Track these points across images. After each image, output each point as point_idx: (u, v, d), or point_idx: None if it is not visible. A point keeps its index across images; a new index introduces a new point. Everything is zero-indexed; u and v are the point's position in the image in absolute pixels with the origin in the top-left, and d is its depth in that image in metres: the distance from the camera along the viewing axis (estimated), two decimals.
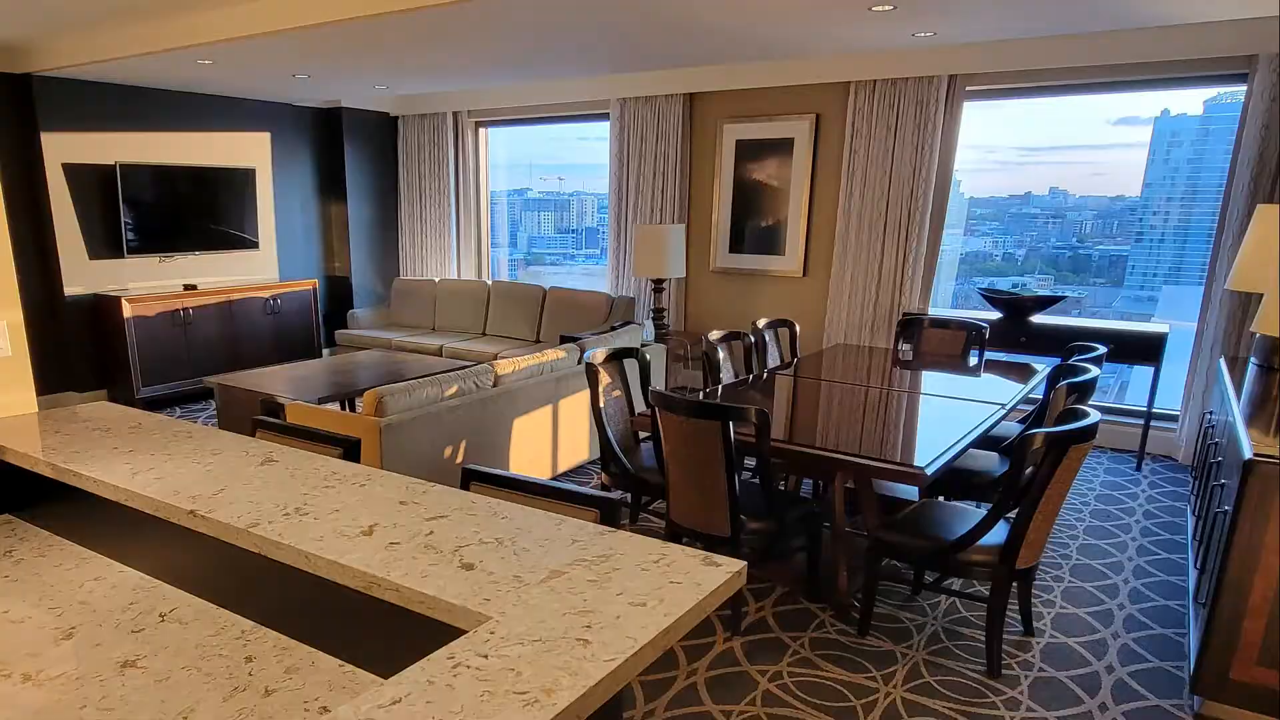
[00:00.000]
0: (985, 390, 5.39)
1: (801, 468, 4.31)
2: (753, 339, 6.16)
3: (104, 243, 8.74)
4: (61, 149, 8.32)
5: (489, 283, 9.96)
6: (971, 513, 4.29)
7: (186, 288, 9.12)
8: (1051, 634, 4.32)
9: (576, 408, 6.54)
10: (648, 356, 5.47)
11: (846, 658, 4.06)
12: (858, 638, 4.25)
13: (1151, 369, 6.80)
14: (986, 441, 5.48)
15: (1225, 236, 6.55)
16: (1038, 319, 7.20)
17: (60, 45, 7.49)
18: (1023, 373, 5.92)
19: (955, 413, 4.81)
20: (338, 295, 11.18)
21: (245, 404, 6.34)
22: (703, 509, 4.18)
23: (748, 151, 8.59)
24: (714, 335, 5.86)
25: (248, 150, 9.98)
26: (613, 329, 7.40)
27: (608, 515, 2.30)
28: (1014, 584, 4.10)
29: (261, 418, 3.27)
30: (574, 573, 1.86)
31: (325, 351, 10.84)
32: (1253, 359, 5.54)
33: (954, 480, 5.02)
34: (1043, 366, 6.08)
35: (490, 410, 5.75)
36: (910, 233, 7.73)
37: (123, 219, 8.70)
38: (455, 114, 10.56)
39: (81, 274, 8.63)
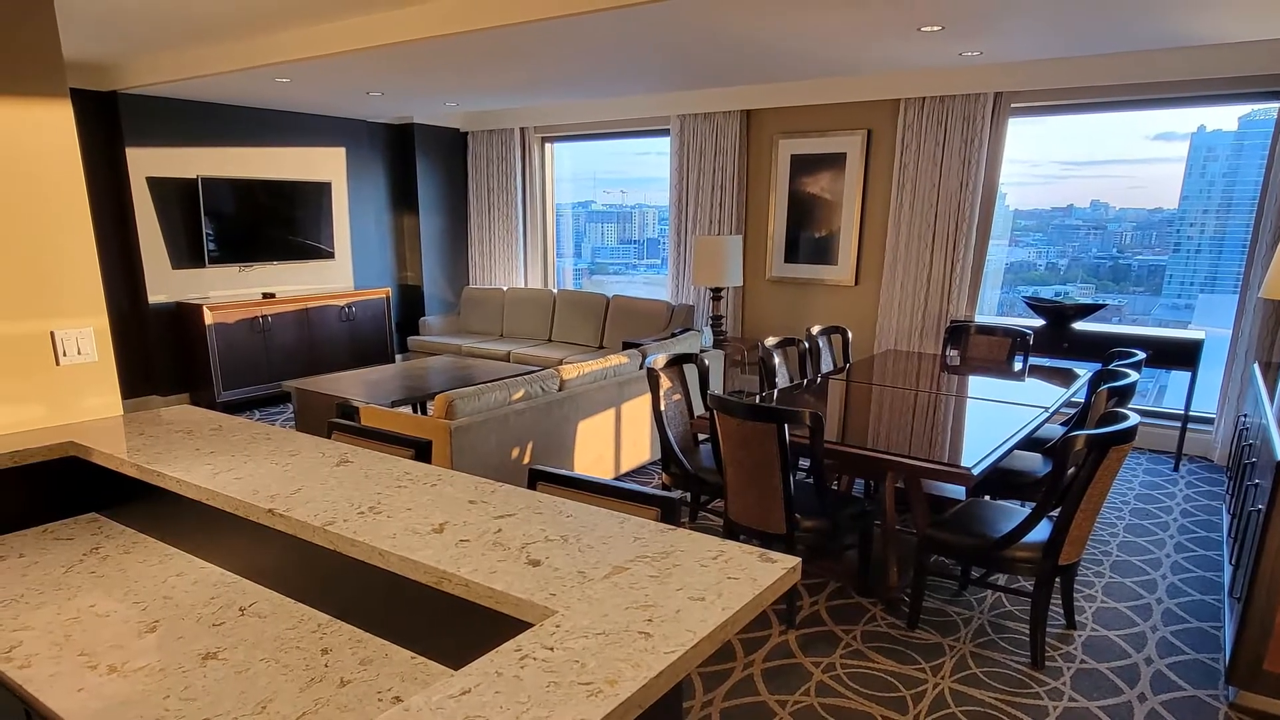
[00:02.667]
0: (1029, 394, 5.37)
1: (853, 468, 4.33)
2: (807, 345, 6.17)
3: (186, 253, 8.81)
4: (146, 163, 8.39)
5: (555, 291, 9.99)
6: (1016, 511, 4.29)
7: (265, 296, 9.18)
8: (1093, 627, 4.31)
9: (638, 411, 6.56)
10: (706, 362, 5.48)
11: (896, 650, 4.09)
12: (907, 631, 4.27)
13: (1188, 374, 6.75)
14: (1030, 443, 5.46)
15: (1259, 247, 6.48)
16: (1079, 326, 7.14)
17: (145, 64, 7.59)
18: (1065, 377, 5.88)
19: (1001, 415, 4.80)
20: (410, 303, 11.27)
21: (321, 407, 6.38)
22: (759, 508, 4.22)
23: (802, 166, 8.59)
24: (770, 341, 5.88)
25: (324, 164, 10.04)
26: (673, 335, 7.42)
27: (668, 514, 2.29)
28: (1057, 579, 4.09)
29: (337, 420, 3.27)
30: (636, 569, 1.86)
31: (398, 357, 10.94)
32: None
33: (999, 480, 5.02)
34: (1084, 371, 6.03)
35: (556, 413, 5.77)
36: (957, 243, 7.71)
37: (204, 230, 8.75)
38: (522, 129, 10.62)
39: (165, 283, 8.71)
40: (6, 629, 2.12)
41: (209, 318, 8.51)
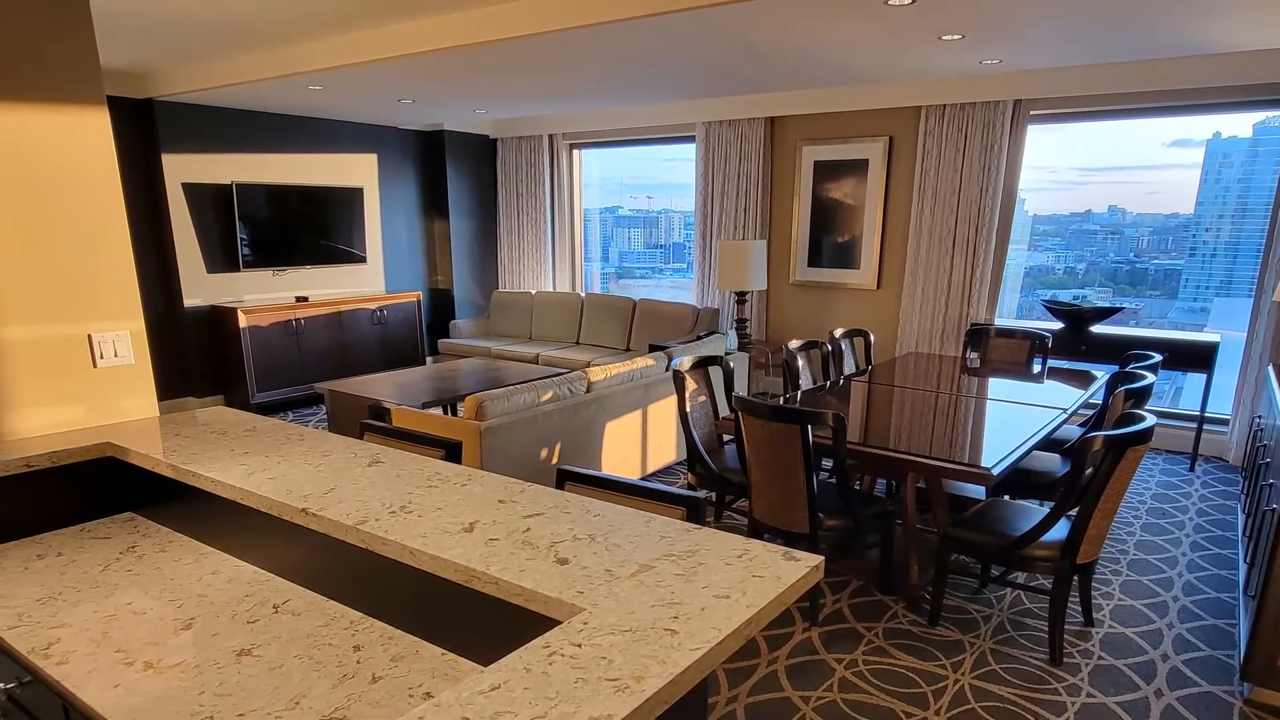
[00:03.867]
0: (1048, 396, 5.32)
1: (876, 468, 4.30)
2: (830, 347, 6.11)
3: (221, 257, 8.80)
4: (181, 169, 8.38)
5: (582, 295, 9.97)
6: (1035, 511, 4.24)
7: (298, 299, 9.15)
8: (1110, 624, 4.26)
9: (664, 412, 6.53)
10: (731, 364, 5.45)
11: (918, 647, 4.05)
12: (928, 628, 4.23)
13: (1204, 376, 6.68)
14: (1049, 444, 5.41)
15: (1273, 251, 6.42)
16: (1097, 329, 7.07)
17: (180, 72, 7.62)
18: (1083, 379, 5.82)
19: (1020, 417, 4.76)
20: (440, 306, 11.26)
21: (354, 408, 6.37)
22: (783, 507, 4.18)
23: (825, 171, 8.54)
24: (793, 344, 5.84)
25: (356, 170, 10.03)
26: (698, 338, 7.39)
27: (693, 513, 2.27)
28: (1075, 577, 4.05)
29: (369, 421, 3.25)
30: (662, 567, 1.84)
31: (429, 359, 10.95)
32: None
33: (1019, 480, 4.97)
34: (1102, 373, 5.97)
35: (583, 414, 5.75)
36: (977, 248, 7.64)
37: (238, 235, 8.73)
38: (550, 136, 10.60)
39: (200, 286, 8.69)
40: (45, 626, 2.12)
41: (243, 321, 8.50)
